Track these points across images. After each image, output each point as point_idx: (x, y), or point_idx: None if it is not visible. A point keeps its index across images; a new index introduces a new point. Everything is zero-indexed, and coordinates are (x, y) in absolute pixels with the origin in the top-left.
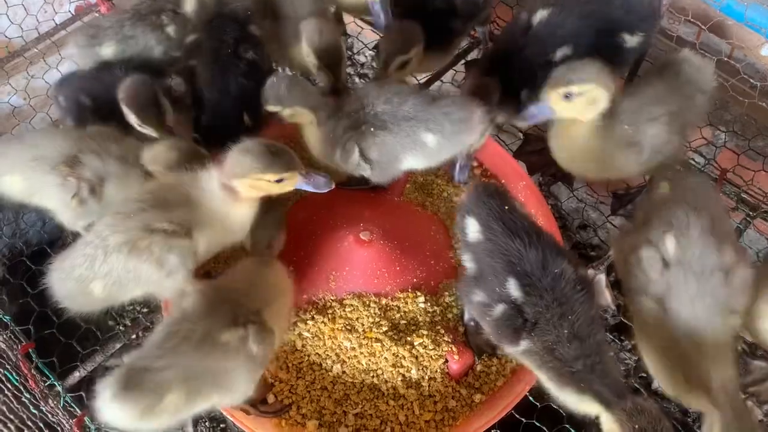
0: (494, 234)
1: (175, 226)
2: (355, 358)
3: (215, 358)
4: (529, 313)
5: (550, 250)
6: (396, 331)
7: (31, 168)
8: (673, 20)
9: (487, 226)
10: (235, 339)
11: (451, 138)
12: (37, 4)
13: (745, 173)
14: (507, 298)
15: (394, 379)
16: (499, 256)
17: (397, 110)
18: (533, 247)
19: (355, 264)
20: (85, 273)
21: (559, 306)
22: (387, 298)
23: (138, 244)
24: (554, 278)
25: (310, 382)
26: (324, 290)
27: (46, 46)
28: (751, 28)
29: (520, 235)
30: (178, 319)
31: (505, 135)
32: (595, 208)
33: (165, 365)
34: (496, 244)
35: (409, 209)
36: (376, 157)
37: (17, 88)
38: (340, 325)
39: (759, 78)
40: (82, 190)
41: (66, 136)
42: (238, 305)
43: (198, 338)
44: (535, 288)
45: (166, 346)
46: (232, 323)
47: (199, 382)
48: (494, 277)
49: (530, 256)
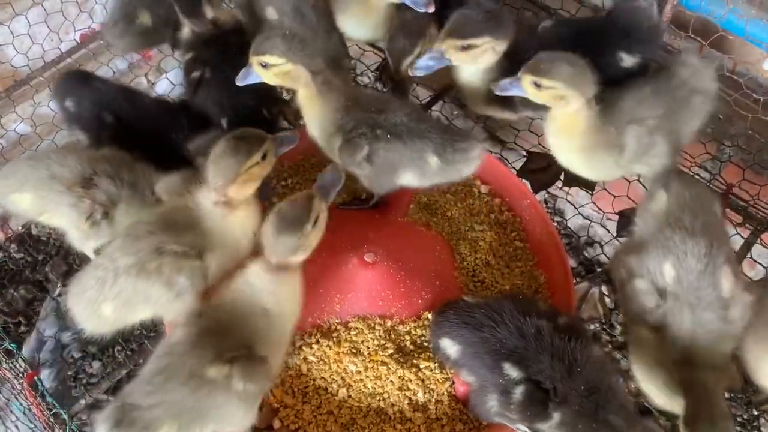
0: (468, 337)
1: (186, 248)
2: (361, 381)
3: (204, 394)
4: (542, 379)
5: (516, 316)
6: (402, 353)
7: (45, 186)
8: (674, 36)
9: (458, 336)
10: (221, 376)
11: (449, 164)
12: (43, 32)
13: (751, 188)
14: (515, 380)
15: (400, 403)
16: (483, 353)
17: (415, 126)
18: (502, 326)
19: (359, 286)
20: (95, 295)
21: (560, 361)
22: (392, 320)
23: (147, 266)
24: (536, 339)
25: (316, 406)
26: (329, 313)
27: (51, 74)
28: (752, 42)
29: (486, 323)
30: (166, 353)
31: (508, 153)
32: (601, 225)
33: (154, 402)
34: (474, 344)
35: (413, 229)
36: (378, 162)
37: (23, 116)
38: (345, 349)
39: (762, 92)
40: (96, 212)
41: (81, 158)
42: (226, 336)
43: (185, 375)
44: (529, 356)
45: (154, 382)
46: (217, 358)
47: (191, 416)
48: (491, 371)
49: (506, 335)
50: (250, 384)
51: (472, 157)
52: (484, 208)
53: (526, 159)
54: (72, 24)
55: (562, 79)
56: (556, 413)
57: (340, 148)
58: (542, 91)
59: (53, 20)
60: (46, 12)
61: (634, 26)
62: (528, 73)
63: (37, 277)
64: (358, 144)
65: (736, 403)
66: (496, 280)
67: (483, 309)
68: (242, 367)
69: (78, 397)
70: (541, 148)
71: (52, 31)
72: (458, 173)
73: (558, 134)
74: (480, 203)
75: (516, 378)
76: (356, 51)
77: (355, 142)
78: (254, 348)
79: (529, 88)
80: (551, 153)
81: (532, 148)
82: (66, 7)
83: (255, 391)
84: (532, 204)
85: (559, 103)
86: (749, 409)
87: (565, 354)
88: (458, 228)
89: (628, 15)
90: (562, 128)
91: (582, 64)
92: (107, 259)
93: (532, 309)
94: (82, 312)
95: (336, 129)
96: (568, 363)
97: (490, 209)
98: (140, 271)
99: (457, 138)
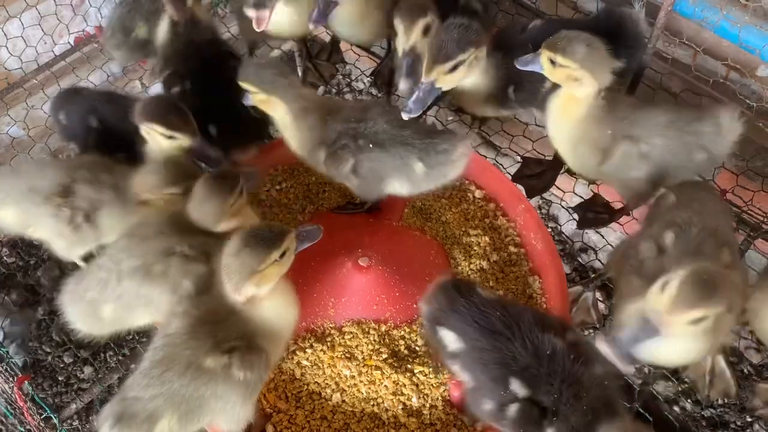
0: (476, 339)
1: (195, 251)
2: (355, 386)
3: (203, 383)
4: (545, 401)
5: (534, 332)
6: (396, 358)
7: (25, 199)
8: (668, 42)
9: (464, 334)
10: (219, 366)
11: (434, 168)
12: (37, 35)
13: (744, 194)
14: (516, 397)
15: (394, 408)
16: (491, 362)
17: (397, 134)
18: (518, 339)
19: (353, 290)
20: (97, 296)
21: (569, 387)
22: (387, 324)
23: (153, 269)
24: (550, 360)
25: (309, 411)
26: (323, 317)
27: (45, 77)
28: (746, 49)
29: (501, 330)
30: (163, 344)
31: (503, 158)
32: (596, 231)
33: (154, 394)
34: (482, 350)
35: (408, 234)
36: (365, 173)
37: (16, 119)
38: (339, 353)
39: (755, 99)
40: (76, 217)
41: (58, 167)
42: (223, 326)
43: (183, 365)
44: (540, 378)
45: (152, 373)
46: (215, 348)
47: (191, 406)
48: (495, 383)
49: (520, 350)
50: (249, 372)
51: (454, 158)
52: (479, 213)
53: (520, 164)
54: (66, 27)
55: (576, 60)
56: (549, 429)
57: (325, 162)
58: (557, 69)
59: (47, 23)
60: (40, 15)
61: (621, 32)
62: (546, 48)
63: (29, 281)
64: (342, 157)
65: (731, 409)
66: (490, 284)
67: (500, 312)
68: (242, 356)
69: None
70: (536, 154)
71: (46, 33)
72: (444, 177)
73: (557, 111)
74: (475, 208)
75: (520, 396)
76: (351, 56)
77: (339, 155)
78: (253, 340)
79: (546, 64)
80: (546, 159)
81: (527, 153)
82: (60, 10)
83: (254, 379)
84: (527, 209)
85: (573, 84)
86: (743, 415)
87: (574, 379)
88: (453, 233)
89: (616, 20)
90: (562, 107)
91: (602, 49)
92: (111, 260)
93: (547, 323)
94: (80, 312)
95: (317, 143)
96: (576, 388)
97: (485, 214)
98: (146, 275)
99: (438, 140)
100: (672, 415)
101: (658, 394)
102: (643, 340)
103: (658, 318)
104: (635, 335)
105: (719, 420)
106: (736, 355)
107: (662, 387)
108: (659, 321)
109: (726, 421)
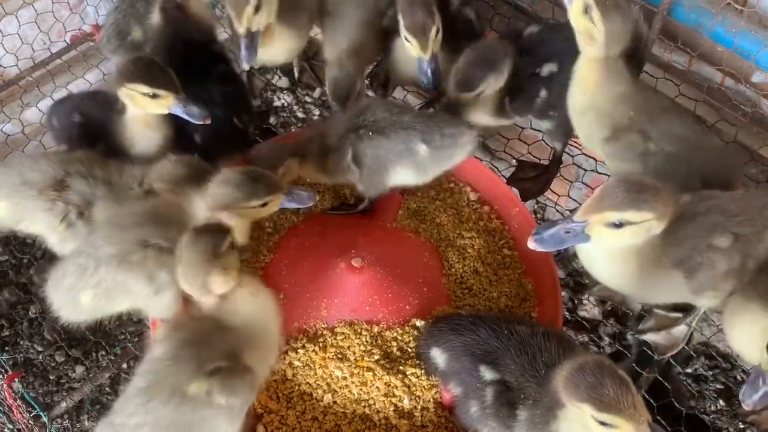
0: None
1: (171, 243)
2: (347, 387)
3: (188, 410)
4: (511, 382)
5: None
6: (388, 360)
7: (18, 193)
8: (663, 48)
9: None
10: (203, 392)
11: (440, 151)
12: (33, 33)
13: None
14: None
15: (386, 409)
16: (464, 357)
17: (397, 119)
18: (481, 326)
19: (346, 291)
20: (75, 282)
21: (526, 354)
22: (379, 326)
23: (130, 258)
24: (509, 338)
25: (300, 412)
26: (315, 318)
27: (41, 74)
28: (741, 54)
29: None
30: (148, 370)
31: (498, 162)
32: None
33: (139, 422)
34: (457, 350)
35: (401, 236)
36: (367, 162)
37: (11, 117)
38: (331, 354)
39: (750, 105)
40: (70, 213)
41: (52, 160)
42: (207, 346)
43: (167, 393)
44: (501, 357)
45: (137, 402)
46: (198, 370)
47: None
48: (471, 377)
49: (482, 335)
50: (232, 398)
51: (462, 143)
52: (473, 216)
53: (515, 168)
54: (63, 25)
55: (605, 22)
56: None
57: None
58: (583, 18)
59: (44, 21)
60: (36, 12)
61: None
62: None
63: (22, 279)
64: (343, 151)
65: (723, 415)
66: (483, 287)
67: (470, 318)
68: (222, 380)
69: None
70: (531, 158)
71: (43, 31)
72: (450, 159)
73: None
74: (469, 211)
75: (489, 379)
76: None
77: (341, 150)
78: (240, 356)
79: (577, 5)
80: (541, 163)
81: (522, 157)
82: (57, 8)
83: (238, 404)
84: (522, 212)
85: (588, 42)
86: (735, 420)
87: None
88: (447, 235)
89: None
90: (579, 78)
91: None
92: (90, 246)
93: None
94: (60, 298)
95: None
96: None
97: (479, 217)
98: (122, 262)
99: (444, 124)
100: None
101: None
102: (569, 242)
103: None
104: (558, 233)
105: (712, 426)
106: (729, 361)
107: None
108: (586, 225)
109: (719, 427)
